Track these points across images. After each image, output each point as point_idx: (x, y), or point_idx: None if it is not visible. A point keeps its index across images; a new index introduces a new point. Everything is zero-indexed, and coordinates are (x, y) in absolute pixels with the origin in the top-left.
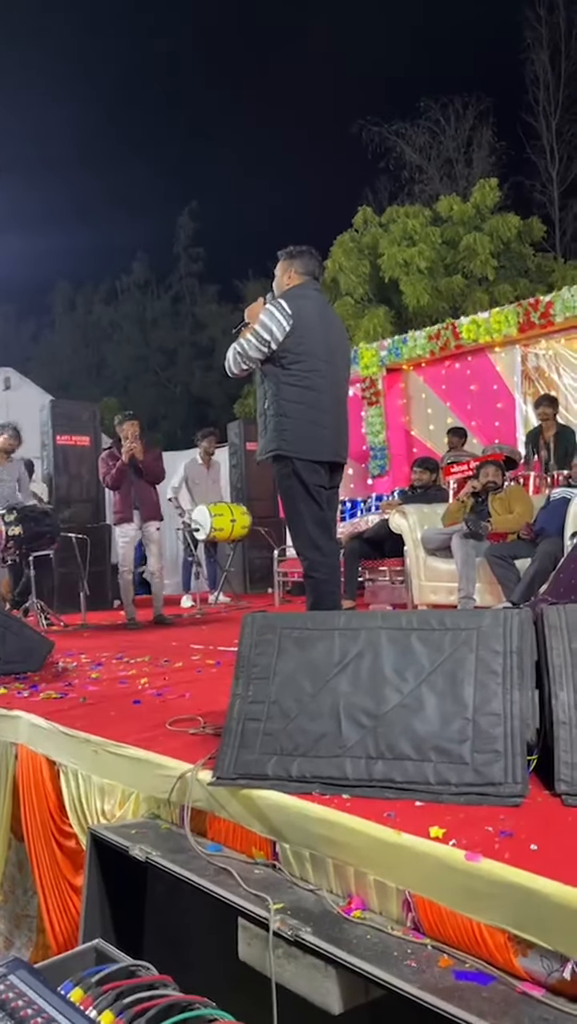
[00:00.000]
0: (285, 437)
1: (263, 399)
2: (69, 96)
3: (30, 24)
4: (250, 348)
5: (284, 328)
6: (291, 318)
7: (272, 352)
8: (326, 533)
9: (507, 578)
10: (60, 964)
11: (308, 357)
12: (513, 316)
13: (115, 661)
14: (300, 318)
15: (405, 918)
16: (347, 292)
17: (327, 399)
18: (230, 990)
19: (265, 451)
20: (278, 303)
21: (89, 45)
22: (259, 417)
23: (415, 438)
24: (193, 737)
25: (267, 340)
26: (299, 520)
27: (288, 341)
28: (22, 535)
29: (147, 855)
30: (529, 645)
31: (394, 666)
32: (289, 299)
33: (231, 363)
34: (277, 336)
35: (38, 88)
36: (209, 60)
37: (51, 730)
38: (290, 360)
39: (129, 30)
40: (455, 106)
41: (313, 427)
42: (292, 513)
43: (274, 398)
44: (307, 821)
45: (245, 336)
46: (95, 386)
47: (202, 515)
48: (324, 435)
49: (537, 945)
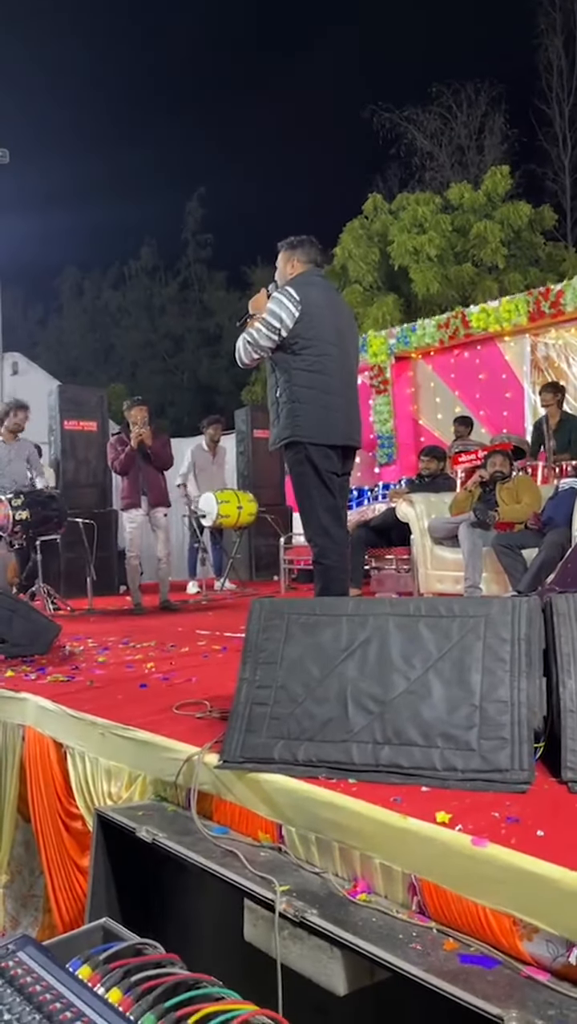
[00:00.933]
0: (298, 423)
1: (274, 388)
2: (75, 80)
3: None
4: (260, 337)
5: (293, 314)
6: (299, 304)
7: (282, 339)
8: (337, 520)
9: (514, 568)
10: (68, 942)
11: (318, 342)
12: (523, 305)
13: (121, 646)
14: (308, 303)
15: (410, 902)
16: (356, 279)
17: (338, 383)
18: (235, 971)
19: (279, 439)
20: (285, 290)
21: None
22: (271, 406)
23: (423, 427)
24: (199, 721)
25: (276, 328)
26: (310, 506)
27: (297, 327)
28: (29, 519)
29: (154, 837)
30: (537, 633)
31: (402, 652)
32: (295, 286)
33: (241, 353)
34: (287, 323)
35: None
36: (218, 44)
37: (58, 712)
38: (300, 346)
39: (137, 14)
40: (467, 92)
41: (326, 411)
42: (303, 499)
43: (286, 385)
44: (313, 805)
45: (253, 326)
46: (102, 372)
47: (209, 502)
48: (336, 419)
49: (543, 930)
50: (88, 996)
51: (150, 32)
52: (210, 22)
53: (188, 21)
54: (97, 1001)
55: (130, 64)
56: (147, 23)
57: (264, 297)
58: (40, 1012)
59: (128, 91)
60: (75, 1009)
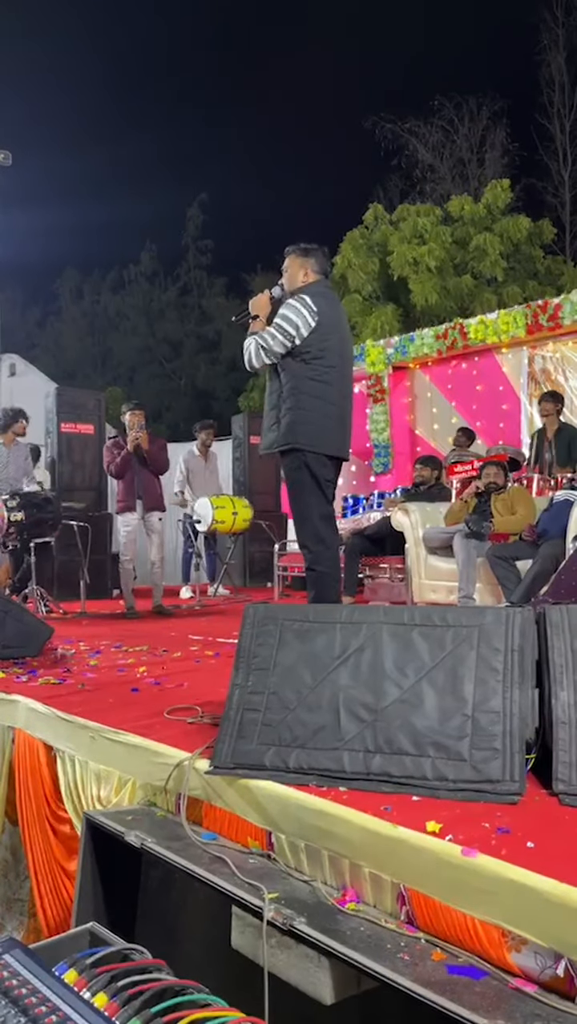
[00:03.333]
0: (301, 431)
1: (276, 393)
2: (77, 81)
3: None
4: (275, 343)
5: (309, 324)
6: (316, 315)
7: (293, 347)
8: (331, 527)
9: (508, 579)
10: (54, 946)
11: (328, 354)
12: (521, 318)
13: (114, 649)
14: (323, 315)
15: (399, 911)
16: (355, 289)
17: (338, 395)
18: (222, 978)
19: (278, 444)
20: (303, 299)
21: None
22: (270, 410)
23: (419, 437)
24: (191, 726)
25: (292, 335)
26: (306, 513)
27: (311, 337)
28: (24, 521)
29: (142, 842)
30: (531, 644)
31: (395, 661)
32: (312, 296)
33: (253, 356)
34: (303, 332)
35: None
36: (221, 53)
37: (49, 715)
38: (312, 356)
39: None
40: (469, 106)
41: (326, 421)
42: (299, 506)
43: (292, 392)
44: (303, 812)
45: (268, 330)
46: (100, 375)
47: (204, 507)
48: (334, 430)
49: (531, 941)
50: (74, 1000)
51: (155, 42)
52: (213, 34)
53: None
54: (83, 1005)
55: (132, 68)
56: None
57: (266, 299)
58: (26, 1015)
59: (130, 95)
60: (61, 1013)
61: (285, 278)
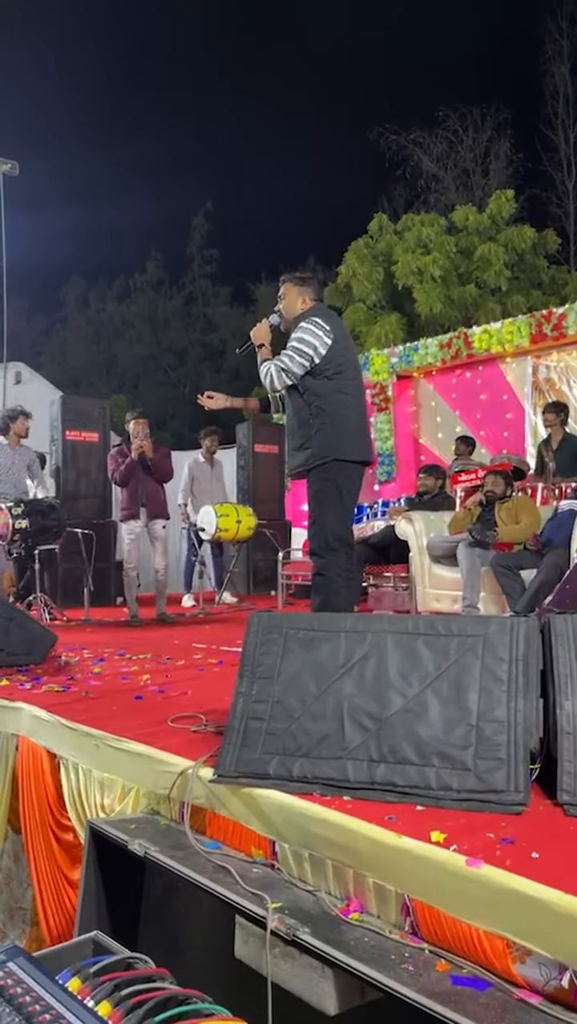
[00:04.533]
0: (335, 443)
1: (303, 411)
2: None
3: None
4: (294, 365)
5: (326, 344)
6: (331, 334)
7: (313, 367)
8: (343, 539)
9: (512, 588)
10: (58, 954)
11: (347, 367)
12: (525, 327)
13: (117, 657)
14: (336, 332)
15: (403, 922)
16: (360, 298)
17: (359, 404)
18: (225, 988)
19: (316, 459)
20: (314, 321)
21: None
22: (298, 429)
23: (423, 446)
24: (194, 734)
25: (311, 356)
26: (323, 522)
27: (329, 354)
28: (28, 528)
29: (146, 850)
30: (535, 653)
31: (399, 670)
32: (322, 317)
33: (275, 379)
34: (320, 351)
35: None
36: (226, 63)
37: (53, 723)
38: (333, 371)
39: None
40: (473, 116)
41: (354, 428)
42: (318, 514)
43: (320, 409)
44: (307, 821)
45: (285, 353)
46: (105, 383)
47: (208, 515)
48: (361, 435)
49: (536, 953)
50: (78, 1008)
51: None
52: (219, 42)
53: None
54: (87, 1014)
55: (138, 79)
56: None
57: (266, 328)
58: (30, 1023)
59: (135, 105)
60: (65, 1021)
61: (282, 305)
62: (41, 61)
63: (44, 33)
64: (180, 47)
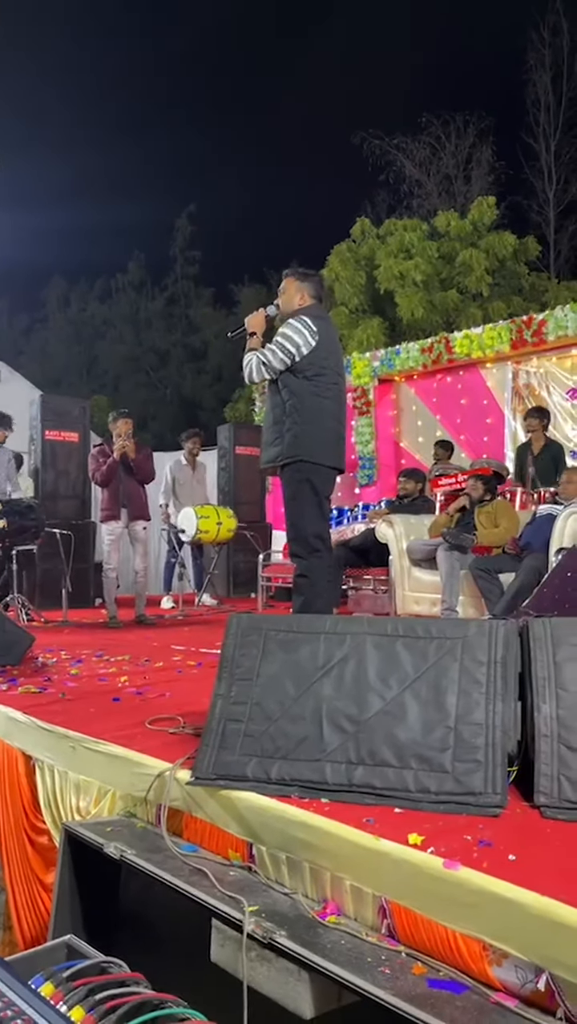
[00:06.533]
0: (304, 444)
1: (277, 408)
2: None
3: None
4: (275, 359)
5: (309, 343)
6: (316, 335)
7: (293, 364)
8: (324, 541)
9: (490, 591)
10: (30, 958)
11: (328, 371)
12: (506, 333)
13: (95, 659)
14: (322, 335)
15: (380, 924)
16: (342, 302)
17: (337, 411)
18: (201, 992)
19: (283, 456)
20: (303, 320)
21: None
22: (273, 425)
23: (404, 449)
24: (172, 736)
25: (292, 353)
26: (301, 524)
27: (312, 355)
28: (6, 528)
29: (122, 853)
30: (513, 656)
31: (378, 672)
32: (311, 317)
33: (254, 371)
34: (303, 350)
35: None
36: (211, 66)
37: (28, 724)
38: (314, 372)
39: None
40: (456, 123)
41: (328, 435)
42: (296, 517)
43: (296, 408)
44: (285, 824)
45: (269, 347)
46: (85, 384)
47: (188, 517)
48: (335, 443)
49: (512, 955)
50: (50, 1013)
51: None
52: (206, 47)
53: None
54: (59, 1019)
55: (123, 78)
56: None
57: (262, 317)
58: None
59: (120, 104)
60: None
61: (281, 299)
62: (26, 62)
63: (29, 35)
64: (164, 51)
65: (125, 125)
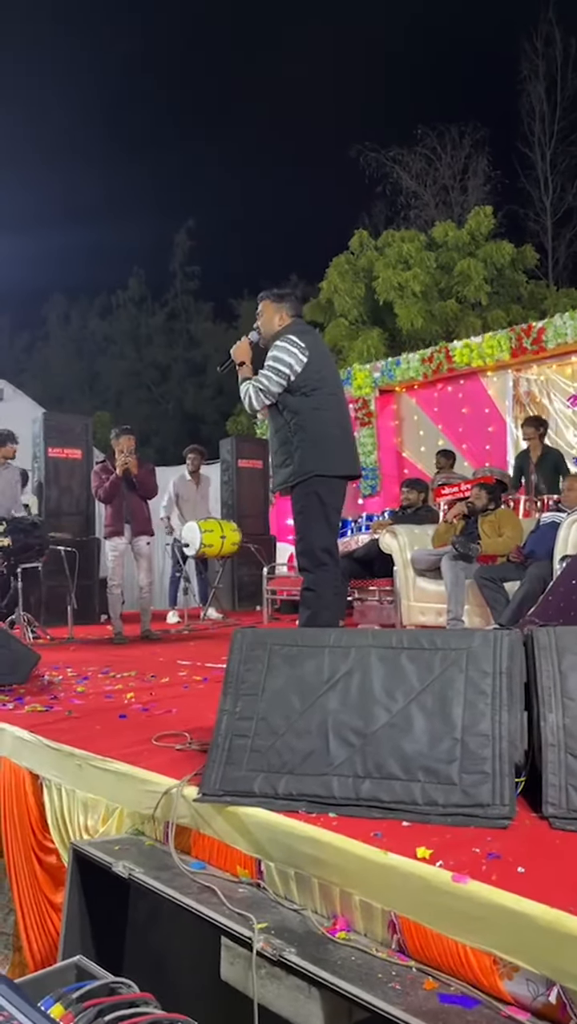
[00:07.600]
0: (313, 459)
1: (283, 430)
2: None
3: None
4: (271, 384)
5: (301, 361)
6: (305, 351)
7: (290, 384)
8: (331, 552)
9: (496, 600)
10: (40, 980)
11: (325, 383)
12: (505, 341)
13: (101, 675)
14: (312, 350)
15: (390, 940)
16: (342, 314)
17: (339, 418)
18: (211, 1011)
19: (295, 476)
20: (289, 339)
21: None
22: (280, 446)
23: (406, 459)
24: (179, 753)
25: (287, 374)
26: (310, 538)
27: (306, 372)
28: (11, 546)
29: (130, 872)
30: (519, 666)
31: (383, 685)
32: (297, 334)
33: (253, 400)
34: (296, 369)
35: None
36: (207, 80)
37: (35, 743)
38: (311, 387)
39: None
40: (452, 134)
41: (333, 444)
42: (304, 532)
43: (299, 426)
44: (293, 839)
45: (262, 373)
46: (88, 400)
47: (192, 531)
48: (344, 451)
49: (523, 968)
50: None
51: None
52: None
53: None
54: None
55: (120, 93)
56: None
57: (246, 345)
58: None
59: (118, 120)
60: None
61: (260, 323)
62: (25, 81)
63: (27, 54)
64: (163, 66)
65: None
